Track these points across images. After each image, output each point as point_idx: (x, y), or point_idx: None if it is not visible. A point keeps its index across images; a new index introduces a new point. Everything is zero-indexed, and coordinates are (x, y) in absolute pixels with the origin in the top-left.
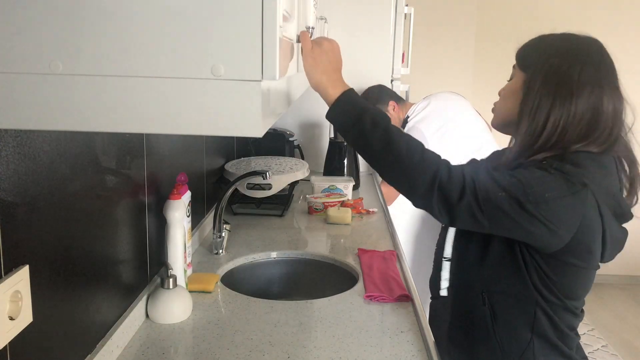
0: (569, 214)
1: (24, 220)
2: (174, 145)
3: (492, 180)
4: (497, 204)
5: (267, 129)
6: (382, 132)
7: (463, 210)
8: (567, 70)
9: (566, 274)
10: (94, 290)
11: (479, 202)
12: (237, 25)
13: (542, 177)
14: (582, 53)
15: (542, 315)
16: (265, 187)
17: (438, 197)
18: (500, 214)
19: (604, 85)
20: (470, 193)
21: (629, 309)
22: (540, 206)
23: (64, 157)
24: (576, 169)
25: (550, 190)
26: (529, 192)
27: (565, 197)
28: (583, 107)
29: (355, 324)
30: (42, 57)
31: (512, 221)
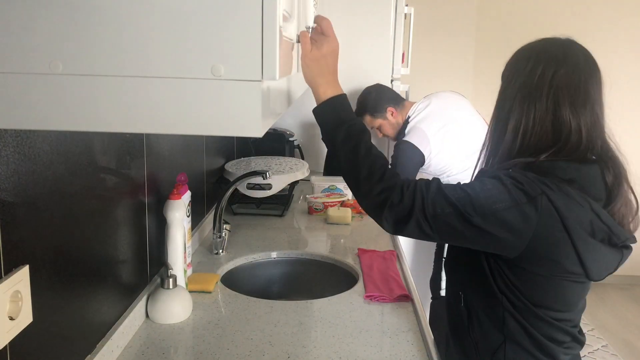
0: (519, 223)
1: (24, 220)
2: (174, 145)
3: (442, 196)
4: (445, 219)
5: (267, 129)
6: (350, 148)
7: (412, 226)
8: (527, 74)
9: (530, 281)
10: (94, 290)
11: (427, 219)
12: (237, 25)
13: (492, 189)
14: (549, 56)
15: (511, 320)
16: (265, 187)
17: (387, 215)
18: (449, 229)
19: (571, 90)
20: (419, 211)
21: (629, 309)
22: (488, 218)
23: (64, 157)
24: (538, 177)
25: (498, 201)
26: (476, 205)
27: (516, 207)
28: (542, 111)
29: (355, 324)
30: (42, 57)
31: (460, 235)
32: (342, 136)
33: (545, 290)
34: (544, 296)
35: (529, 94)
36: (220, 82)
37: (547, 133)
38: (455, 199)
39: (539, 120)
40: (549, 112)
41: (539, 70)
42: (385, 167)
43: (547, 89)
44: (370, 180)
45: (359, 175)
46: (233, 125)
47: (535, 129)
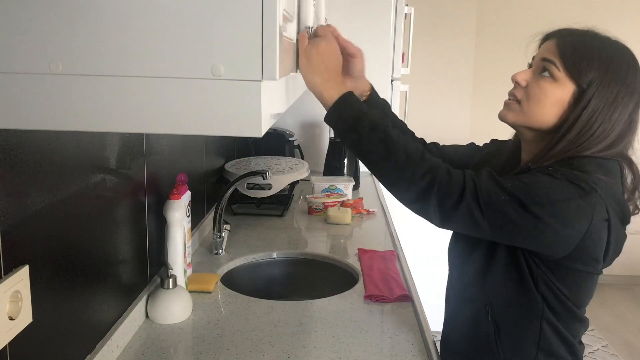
0: (576, 217)
1: (24, 220)
2: (174, 145)
3: (495, 183)
4: (500, 207)
5: (267, 129)
6: (380, 135)
7: (462, 212)
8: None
9: (572, 281)
10: (94, 290)
11: (480, 205)
12: (237, 25)
13: (548, 181)
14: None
15: (547, 328)
16: (265, 187)
17: (436, 199)
18: (503, 218)
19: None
20: (471, 195)
21: (629, 309)
22: (546, 208)
23: (63, 157)
24: (582, 175)
25: (556, 193)
26: (534, 194)
27: (573, 200)
28: (622, 122)
29: (355, 324)
30: (42, 57)
31: (515, 226)
32: (367, 127)
33: (581, 286)
34: (580, 293)
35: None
36: (220, 82)
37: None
38: (510, 186)
39: (617, 128)
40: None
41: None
42: (421, 148)
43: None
44: (411, 163)
45: (398, 159)
46: (233, 125)
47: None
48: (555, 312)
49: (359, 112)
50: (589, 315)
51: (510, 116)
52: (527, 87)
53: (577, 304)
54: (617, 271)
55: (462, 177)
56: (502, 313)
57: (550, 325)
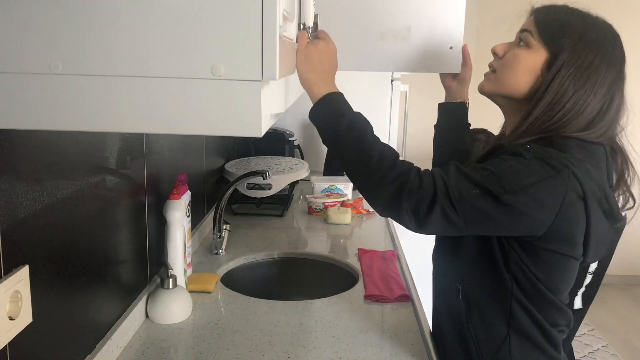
0: (548, 196)
1: (24, 220)
2: (174, 145)
3: (465, 178)
4: (473, 202)
5: (267, 129)
6: (355, 137)
7: (436, 214)
8: (595, 58)
9: (545, 263)
10: (94, 290)
11: (453, 204)
12: (237, 25)
13: (517, 165)
14: (608, 42)
15: (518, 309)
16: (265, 187)
17: (408, 204)
18: (477, 213)
19: (621, 77)
20: (443, 196)
21: (629, 309)
22: (518, 195)
23: (63, 157)
24: (560, 154)
25: (526, 176)
26: (504, 182)
27: (544, 180)
28: (600, 96)
29: (355, 324)
30: (42, 57)
31: (490, 219)
32: (345, 126)
33: (556, 269)
34: (555, 276)
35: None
36: (220, 82)
37: (590, 116)
38: (479, 178)
39: (594, 105)
40: (605, 100)
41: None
42: (396, 154)
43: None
44: (381, 167)
45: (369, 163)
46: (233, 125)
47: (586, 113)
48: (526, 293)
49: (341, 111)
50: (590, 315)
51: (487, 86)
52: (504, 57)
53: (550, 288)
54: (617, 271)
55: (431, 179)
56: (473, 291)
57: (520, 306)
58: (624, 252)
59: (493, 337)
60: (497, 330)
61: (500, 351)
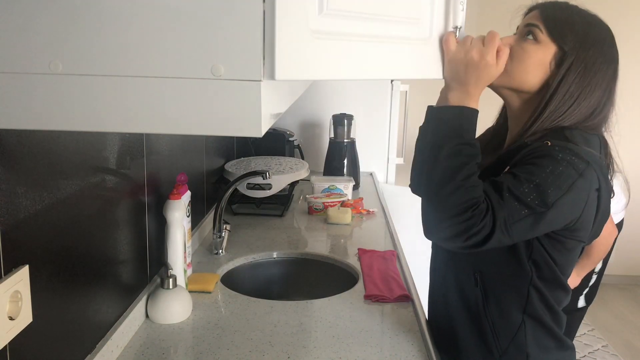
0: (578, 197)
1: (24, 220)
2: (174, 145)
3: (515, 199)
4: (523, 224)
5: (267, 129)
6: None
7: (490, 245)
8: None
9: (567, 249)
10: (94, 290)
11: (508, 232)
12: (237, 25)
13: (553, 171)
14: (608, 40)
15: (535, 294)
16: (265, 187)
17: (464, 244)
18: (525, 230)
19: (616, 75)
20: (501, 230)
21: (629, 309)
22: (557, 208)
23: (63, 157)
24: (581, 150)
25: (560, 187)
26: (545, 198)
27: (574, 183)
28: (601, 92)
29: (355, 324)
30: (42, 57)
31: (536, 231)
32: (450, 149)
33: (572, 254)
34: (570, 261)
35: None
36: (220, 82)
37: (594, 110)
38: (526, 197)
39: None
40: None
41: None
42: (480, 197)
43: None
44: (460, 206)
45: (450, 196)
46: (233, 125)
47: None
48: (544, 279)
49: (459, 132)
50: (590, 315)
51: (497, 79)
52: (511, 50)
53: (563, 271)
54: (617, 271)
55: (492, 219)
56: (492, 280)
57: (537, 292)
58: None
59: (509, 324)
60: (514, 317)
61: (517, 337)
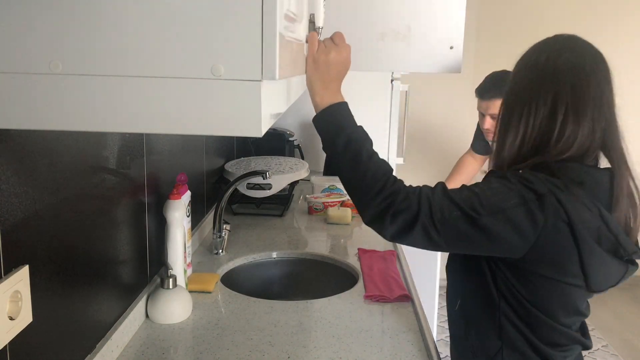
0: (526, 222)
1: (24, 220)
2: (174, 145)
3: (448, 199)
4: (453, 223)
5: (267, 129)
6: (351, 154)
7: (417, 233)
8: (532, 65)
9: (534, 285)
10: (94, 290)
11: (435, 224)
12: (237, 25)
13: (499, 188)
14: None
15: (507, 324)
16: (265, 187)
17: (390, 224)
18: (456, 233)
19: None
20: (426, 217)
21: (629, 309)
22: (495, 218)
23: (63, 157)
24: (547, 177)
25: (505, 200)
26: (484, 204)
27: (523, 205)
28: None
29: (355, 324)
30: (42, 57)
31: (468, 239)
32: (342, 142)
33: (547, 293)
34: (546, 299)
35: (535, 87)
36: (220, 82)
37: (546, 131)
38: (461, 200)
39: (541, 118)
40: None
41: (543, 57)
42: (389, 173)
43: (549, 79)
44: (372, 187)
45: (361, 181)
46: (233, 125)
47: (538, 127)
48: (515, 311)
49: (340, 125)
50: (590, 315)
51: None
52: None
53: (542, 310)
54: None
55: (417, 200)
56: (469, 306)
57: (509, 322)
58: None
59: (487, 349)
60: (491, 343)
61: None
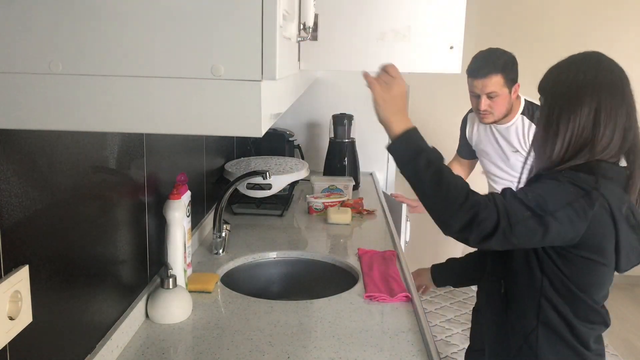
0: (579, 216)
1: (24, 220)
2: (174, 145)
3: (519, 202)
4: (524, 223)
5: (267, 129)
6: (434, 171)
7: (498, 238)
8: (571, 81)
9: (576, 266)
10: (94, 290)
11: (512, 227)
12: (237, 25)
13: (555, 188)
14: (588, 63)
15: (546, 304)
16: (265, 187)
17: (476, 232)
18: (527, 232)
19: (613, 91)
20: (505, 222)
21: (629, 309)
22: (557, 215)
23: (63, 157)
24: (588, 176)
25: (562, 198)
26: (548, 204)
27: (576, 201)
28: (586, 115)
29: (355, 324)
30: (42, 57)
31: (535, 235)
32: (424, 162)
33: (586, 273)
34: (585, 278)
35: (574, 99)
36: (220, 82)
37: (589, 136)
38: (529, 201)
39: (583, 124)
40: (592, 114)
41: (581, 75)
42: (466, 186)
43: (590, 91)
44: (456, 200)
45: (446, 196)
46: (233, 125)
47: (581, 133)
48: (557, 290)
49: (419, 148)
50: None
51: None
52: None
53: (582, 289)
54: None
55: (495, 208)
56: (511, 287)
57: (548, 302)
58: None
59: (524, 327)
60: (529, 321)
61: (529, 339)
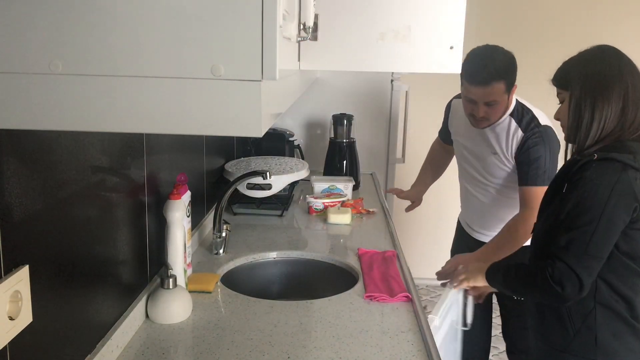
0: (624, 197)
1: (24, 220)
2: (174, 145)
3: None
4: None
5: (267, 129)
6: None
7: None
8: (599, 71)
9: (631, 238)
10: (94, 290)
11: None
12: (237, 25)
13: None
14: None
15: (602, 286)
16: (265, 187)
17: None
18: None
19: (636, 76)
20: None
21: None
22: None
23: (63, 157)
24: (619, 155)
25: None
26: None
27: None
28: (616, 100)
29: (355, 324)
30: (42, 57)
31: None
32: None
33: (636, 240)
34: (637, 248)
35: (605, 89)
36: (220, 82)
37: (620, 118)
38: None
39: (614, 109)
40: (621, 100)
41: (607, 66)
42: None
43: (618, 80)
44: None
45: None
46: (233, 125)
47: (612, 117)
48: (614, 271)
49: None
50: None
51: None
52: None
53: (632, 256)
54: None
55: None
56: None
57: (605, 283)
58: None
59: (582, 309)
60: (586, 304)
61: (587, 320)
